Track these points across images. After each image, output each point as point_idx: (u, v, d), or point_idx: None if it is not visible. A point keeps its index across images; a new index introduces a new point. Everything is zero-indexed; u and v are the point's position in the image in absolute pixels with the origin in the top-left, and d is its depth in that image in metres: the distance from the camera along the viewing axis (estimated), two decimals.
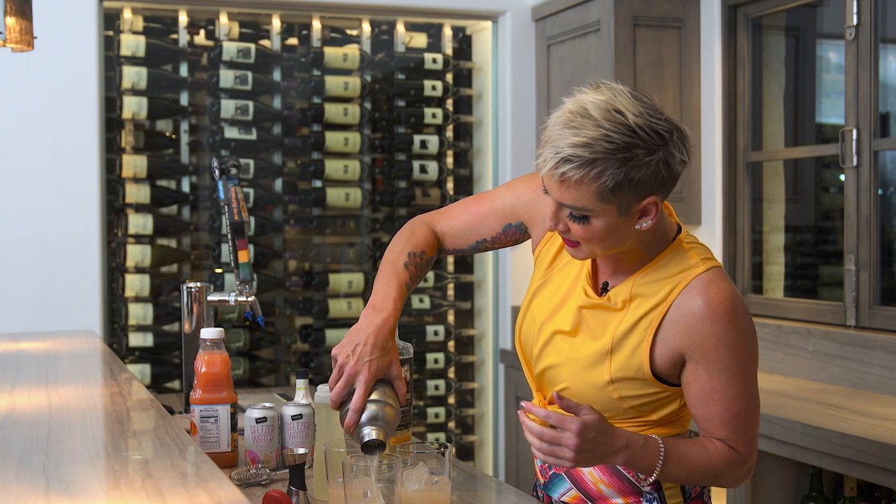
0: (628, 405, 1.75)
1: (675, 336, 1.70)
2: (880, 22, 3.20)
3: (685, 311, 1.69)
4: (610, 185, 1.60)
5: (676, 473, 1.72)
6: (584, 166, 1.60)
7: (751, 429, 1.73)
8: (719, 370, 1.69)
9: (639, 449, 1.68)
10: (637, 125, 1.60)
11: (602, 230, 1.66)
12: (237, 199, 2.63)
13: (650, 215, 1.67)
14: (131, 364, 3.98)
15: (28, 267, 3.85)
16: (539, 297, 1.87)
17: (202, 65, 4.26)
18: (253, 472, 1.98)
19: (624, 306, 1.75)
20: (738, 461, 1.73)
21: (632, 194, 1.63)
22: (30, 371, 2.36)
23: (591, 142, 1.59)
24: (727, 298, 1.68)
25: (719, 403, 1.70)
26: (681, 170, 1.67)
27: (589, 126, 1.60)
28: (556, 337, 1.82)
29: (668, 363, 1.72)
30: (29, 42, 2.52)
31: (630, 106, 1.62)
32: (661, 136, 1.62)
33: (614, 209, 1.64)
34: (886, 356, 3.07)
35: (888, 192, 3.50)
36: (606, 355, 1.74)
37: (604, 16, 3.83)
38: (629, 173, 1.60)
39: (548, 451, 1.64)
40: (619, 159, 1.59)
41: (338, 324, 4.29)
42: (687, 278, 1.71)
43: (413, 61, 4.44)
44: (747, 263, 3.78)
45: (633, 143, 1.60)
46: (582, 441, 1.62)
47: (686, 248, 1.76)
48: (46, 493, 1.26)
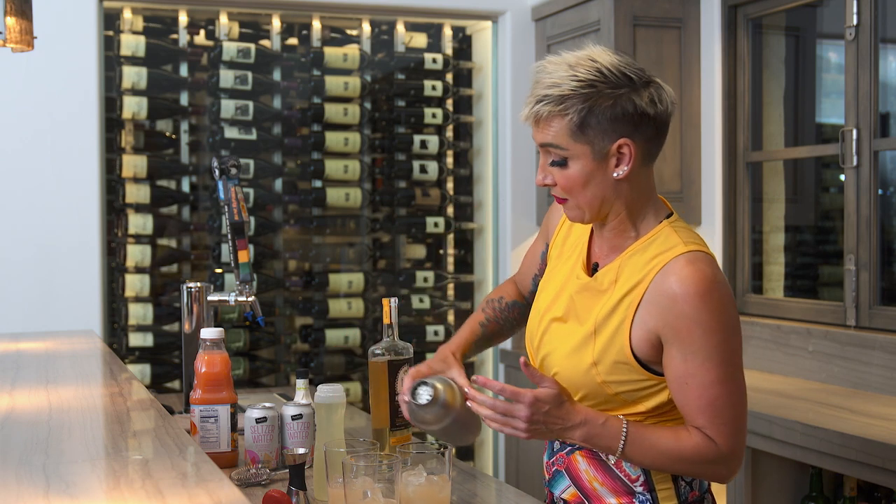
0: (613, 391, 1.74)
1: (652, 316, 1.70)
2: (880, 22, 3.20)
3: (661, 290, 1.70)
4: (576, 121, 1.69)
5: (641, 457, 1.72)
6: (553, 103, 1.70)
7: (732, 420, 1.69)
8: (692, 353, 1.67)
9: (598, 427, 1.70)
10: (605, 67, 1.70)
11: (581, 176, 1.72)
12: (237, 199, 2.63)
13: (625, 161, 1.72)
14: (131, 364, 3.98)
15: (28, 267, 3.85)
16: (545, 290, 1.91)
17: (202, 65, 4.26)
18: (253, 472, 1.98)
19: (609, 287, 1.76)
20: (715, 452, 1.69)
21: (601, 133, 1.69)
22: (30, 371, 2.36)
23: (560, 81, 1.70)
24: (702, 279, 1.67)
25: (693, 388, 1.68)
26: (651, 112, 1.71)
27: (561, 70, 1.71)
28: (552, 325, 1.84)
29: (647, 345, 1.71)
30: (29, 42, 2.52)
31: (604, 55, 1.73)
32: (628, 77, 1.71)
33: (588, 150, 1.71)
34: (886, 356, 3.07)
35: (888, 192, 3.50)
36: (591, 338, 1.75)
37: (604, 16, 3.83)
38: (593, 107, 1.68)
39: (501, 422, 1.71)
40: (584, 94, 1.69)
41: (338, 324, 4.29)
42: (667, 258, 1.71)
43: (413, 61, 4.44)
44: (747, 263, 3.78)
45: (598, 80, 1.69)
46: (533, 413, 1.68)
47: (672, 229, 1.76)
48: (46, 493, 1.26)
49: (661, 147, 1.78)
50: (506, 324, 2.11)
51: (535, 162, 4.36)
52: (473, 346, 2.06)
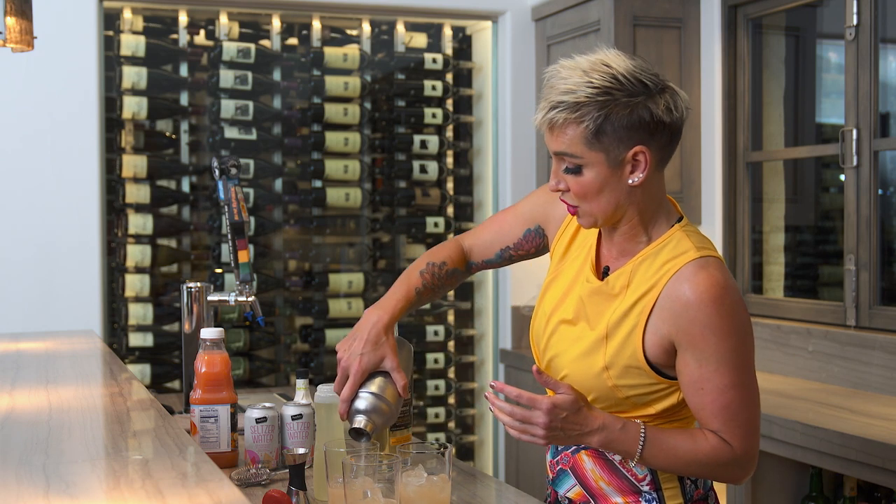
0: (623, 395, 1.75)
1: (665, 322, 1.70)
2: (880, 22, 3.20)
3: (673, 296, 1.70)
4: (592, 129, 1.67)
5: (659, 461, 1.72)
6: (568, 110, 1.67)
7: (746, 423, 1.70)
8: (706, 358, 1.68)
9: (616, 432, 1.69)
10: (621, 73, 1.68)
11: (595, 183, 1.71)
12: (237, 199, 2.63)
13: (640, 168, 1.71)
14: (131, 364, 3.98)
15: (28, 267, 3.85)
16: (550, 290, 1.90)
17: (202, 65, 4.26)
18: (253, 472, 1.98)
19: (621, 292, 1.76)
20: (730, 455, 1.70)
21: (616, 141, 1.68)
22: (30, 371, 2.36)
23: (575, 87, 1.67)
24: (715, 285, 1.67)
25: (708, 393, 1.69)
26: (667, 119, 1.70)
27: (576, 76, 1.69)
28: (560, 327, 1.84)
29: (660, 350, 1.71)
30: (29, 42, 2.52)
31: (619, 60, 1.70)
32: (644, 84, 1.69)
33: (603, 158, 1.69)
34: (886, 356, 3.07)
35: (888, 192, 3.50)
36: (602, 342, 1.75)
37: (604, 16, 3.83)
38: (609, 115, 1.66)
39: (520, 430, 1.69)
40: (600, 102, 1.66)
41: (338, 324, 4.29)
42: (679, 264, 1.71)
43: (413, 61, 4.44)
44: (747, 263, 3.78)
45: (614, 87, 1.67)
46: (552, 419, 1.66)
47: (684, 234, 1.76)
48: (46, 493, 1.26)
49: (674, 152, 1.77)
50: (439, 290, 2.02)
51: (536, 162, 4.36)
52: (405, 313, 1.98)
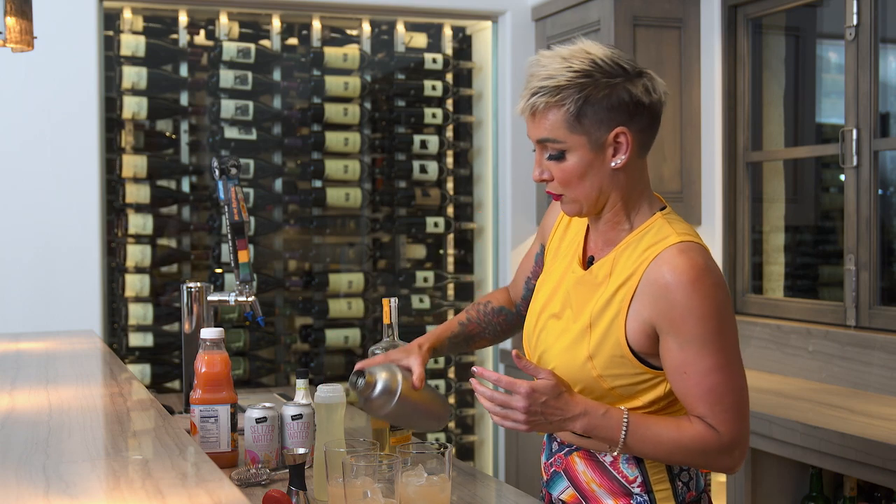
0: (609, 385, 1.74)
1: (645, 306, 1.70)
2: (880, 22, 3.20)
3: (653, 279, 1.70)
4: (573, 111, 1.70)
5: (643, 448, 1.71)
6: (549, 94, 1.71)
7: (732, 407, 1.69)
8: (688, 341, 1.67)
9: (598, 417, 1.69)
10: (599, 58, 1.72)
11: (578, 168, 1.73)
12: (237, 199, 2.63)
13: (622, 150, 1.73)
14: (131, 364, 3.98)
15: (28, 267, 3.85)
16: (542, 288, 1.91)
17: (202, 65, 4.26)
18: (253, 472, 1.98)
19: (604, 280, 1.77)
20: (717, 441, 1.69)
21: (597, 123, 1.71)
22: (30, 371, 2.36)
23: (555, 73, 1.71)
24: (693, 267, 1.67)
25: (691, 377, 1.68)
26: (646, 101, 1.73)
27: (556, 62, 1.73)
28: (549, 322, 1.85)
29: (643, 336, 1.71)
30: (29, 42, 2.52)
31: (597, 47, 1.74)
32: (622, 67, 1.73)
33: (585, 141, 1.72)
34: (886, 356, 3.07)
35: (888, 192, 3.50)
36: (586, 331, 1.76)
37: (604, 16, 3.83)
38: (589, 97, 1.70)
39: (501, 415, 1.71)
40: (580, 84, 1.70)
41: (338, 324, 4.29)
42: (659, 248, 1.72)
43: (413, 61, 4.44)
44: (747, 263, 3.78)
45: (593, 70, 1.70)
46: (531, 404, 1.68)
47: (665, 221, 1.77)
48: (46, 493, 1.26)
49: (655, 138, 1.79)
50: (488, 327, 2.09)
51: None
52: (448, 342, 2.03)
